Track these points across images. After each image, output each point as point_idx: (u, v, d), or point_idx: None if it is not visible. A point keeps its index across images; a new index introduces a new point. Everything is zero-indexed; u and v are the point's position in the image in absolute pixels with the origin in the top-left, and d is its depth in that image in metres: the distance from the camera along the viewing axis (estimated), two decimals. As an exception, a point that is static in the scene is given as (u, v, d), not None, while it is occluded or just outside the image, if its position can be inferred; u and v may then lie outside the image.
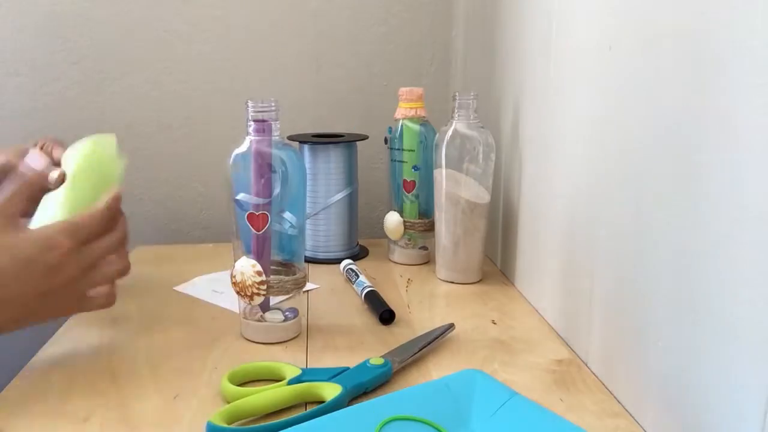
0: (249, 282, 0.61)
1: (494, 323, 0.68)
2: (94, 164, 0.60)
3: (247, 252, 0.62)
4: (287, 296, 0.65)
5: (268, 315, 0.64)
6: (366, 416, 0.45)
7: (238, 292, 0.62)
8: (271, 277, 0.62)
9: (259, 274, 0.61)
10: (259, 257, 0.62)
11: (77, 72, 0.98)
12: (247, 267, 0.61)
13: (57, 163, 0.61)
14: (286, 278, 0.63)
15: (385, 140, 0.88)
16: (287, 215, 0.62)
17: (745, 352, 0.37)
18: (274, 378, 0.55)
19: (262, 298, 0.62)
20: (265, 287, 0.61)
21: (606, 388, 0.55)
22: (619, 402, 0.52)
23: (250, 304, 0.62)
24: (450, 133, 0.77)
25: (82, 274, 0.55)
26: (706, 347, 0.41)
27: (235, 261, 0.63)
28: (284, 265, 0.64)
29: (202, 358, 0.60)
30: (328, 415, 0.45)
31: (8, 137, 0.98)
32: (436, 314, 0.71)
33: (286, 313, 0.64)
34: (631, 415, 0.50)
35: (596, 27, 0.56)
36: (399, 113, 0.86)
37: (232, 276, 0.62)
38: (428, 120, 0.86)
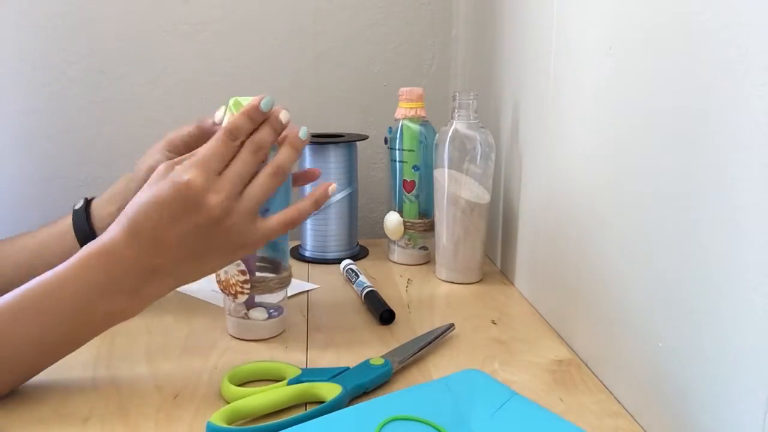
0: (233, 281, 0.61)
1: (494, 323, 0.68)
2: None
3: None
4: (285, 296, 0.65)
5: (252, 312, 0.63)
6: (366, 416, 0.45)
7: (222, 290, 0.63)
8: (256, 275, 0.62)
9: (242, 273, 0.61)
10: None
11: (77, 72, 0.98)
12: (231, 266, 0.61)
13: None
14: (270, 277, 0.63)
15: (385, 140, 0.88)
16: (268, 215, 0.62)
17: (745, 351, 0.37)
18: (274, 378, 0.55)
19: (246, 297, 0.62)
20: (248, 286, 0.61)
21: (606, 388, 0.55)
22: (619, 402, 0.52)
23: (233, 301, 0.63)
24: (450, 133, 0.77)
25: (227, 211, 0.51)
26: (706, 347, 0.41)
27: None
28: (270, 262, 0.64)
29: (202, 358, 0.60)
30: (328, 415, 0.45)
31: (8, 137, 0.98)
32: (436, 314, 0.71)
33: (271, 311, 0.64)
34: (631, 415, 0.50)
35: (596, 27, 0.56)
36: (399, 113, 0.86)
37: (217, 274, 0.62)
38: (428, 120, 0.86)
